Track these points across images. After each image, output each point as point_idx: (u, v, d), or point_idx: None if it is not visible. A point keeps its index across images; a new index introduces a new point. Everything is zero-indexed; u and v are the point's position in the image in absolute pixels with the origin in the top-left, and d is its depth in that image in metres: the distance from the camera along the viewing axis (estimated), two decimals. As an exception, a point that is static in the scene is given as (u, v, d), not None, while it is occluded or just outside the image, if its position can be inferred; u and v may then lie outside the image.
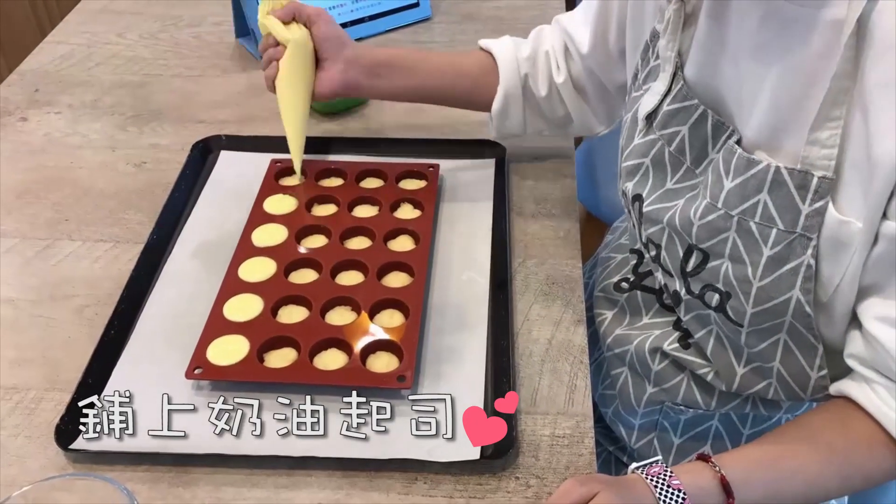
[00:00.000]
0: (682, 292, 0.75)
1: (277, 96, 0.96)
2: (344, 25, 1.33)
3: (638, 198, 0.78)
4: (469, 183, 1.03)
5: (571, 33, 0.95)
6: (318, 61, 0.95)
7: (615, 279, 0.90)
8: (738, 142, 0.69)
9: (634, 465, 0.66)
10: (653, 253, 0.78)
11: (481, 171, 1.05)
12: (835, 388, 0.71)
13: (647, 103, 0.77)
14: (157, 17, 1.42)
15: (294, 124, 0.97)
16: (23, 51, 1.33)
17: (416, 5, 1.38)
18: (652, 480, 0.64)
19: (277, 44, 0.93)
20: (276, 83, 0.94)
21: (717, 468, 0.65)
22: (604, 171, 1.53)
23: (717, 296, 0.72)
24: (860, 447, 0.67)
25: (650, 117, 0.77)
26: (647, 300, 0.86)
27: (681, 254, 0.74)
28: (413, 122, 1.15)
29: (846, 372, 0.71)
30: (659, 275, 0.79)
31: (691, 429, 0.85)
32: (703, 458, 0.67)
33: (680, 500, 0.63)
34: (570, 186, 1.04)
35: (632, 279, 0.88)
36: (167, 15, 1.43)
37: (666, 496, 0.63)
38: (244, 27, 1.31)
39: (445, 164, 1.04)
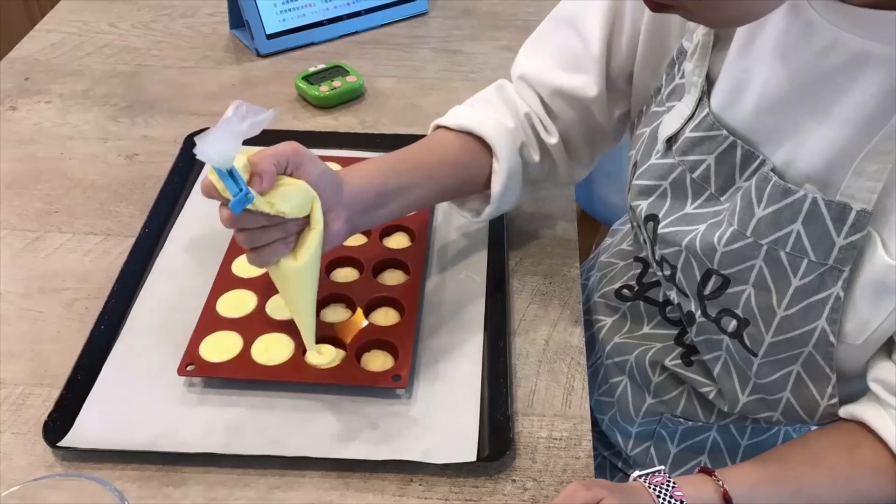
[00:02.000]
0: (697, 314, 0.74)
1: (285, 279, 0.73)
2: (339, 18, 1.32)
3: (652, 218, 0.75)
4: (466, 180, 1.02)
5: (559, 85, 0.84)
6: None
7: (617, 286, 0.88)
8: (773, 170, 0.66)
9: (637, 472, 0.66)
10: (667, 272, 0.76)
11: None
12: (847, 411, 0.69)
13: (668, 125, 0.73)
14: (150, 7, 1.40)
15: (310, 309, 0.75)
16: (13, 38, 1.31)
17: (412, -1, 1.37)
18: (655, 490, 0.63)
19: (260, 217, 0.68)
20: (286, 266, 0.72)
21: (721, 482, 0.64)
22: (598, 171, 1.51)
23: (734, 321, 0.70)
24: (864, 473, 0.66)
25: (669, 140, 0.74)
26: (650, 311, 0.85)
27: (698, 277, 0.72)
28: (408, 117, 1.14)
29: (855, 396, 0.69)
30: (673, 294, 0.77)
31: (689, 439, 0.85)
32: (706, 471, 0.66)
33: None
34: (566, 185, 1.03)
35: (636, 288, 0.86)
36: (160, 5, 1.41)
37: None
38: (238, 18, 1.29)
39: (442, 161, 1.02)
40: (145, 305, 0.85)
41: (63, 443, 0.71)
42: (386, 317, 0.82)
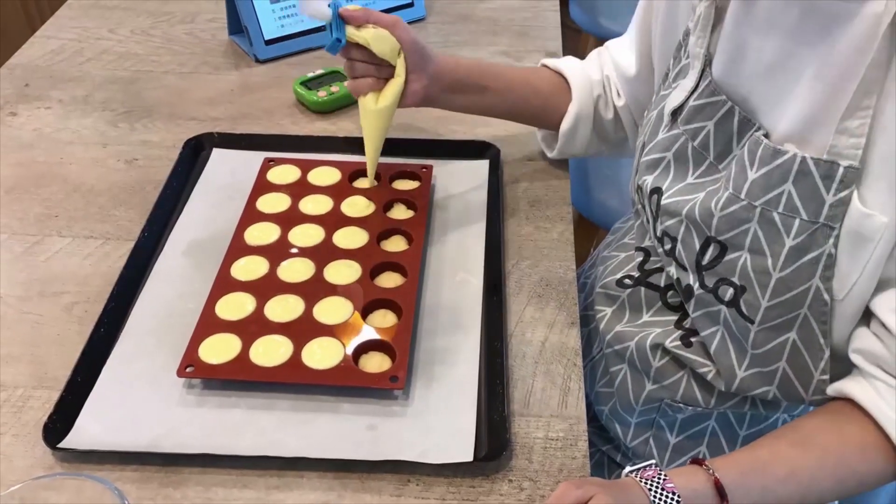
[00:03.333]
0: (696, 286, 0.76)
1: (366, 116, 0.91)
2: (338, 24, 1.33)
3: (657, 191, 0.79)
4: (462, 184, 1.03)
5: (617, 59, 0.99)
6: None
7: (618, 275, 0.90)
8: (766, 135, 0.70)
9: (629, 468, 0.66)
10: (667, 247, 0.79)
11: (475, 172, 1.04)
12: (834, 388, 0.71)
13: (674, 99, 0.78)
14: (149, 13, 1.41)
15: (378, 144, 0.94)
16: (13, 45, 1.32)
17: (410, 5, 1.38)
18: (646, 483, 0.64)
19: (363, 53, 0.87)
20: (370, 104, 0.90)
21: (711, 471, 0.65)
22: (596, 175, 1.53)
23: (731, 290, 0.72)
24: (854, 450, 0.67)
25: (675, 113, 0.78)
26: (650, 297, 0.86)
27: (697, 247, 0.74)
28: (407, 122, 1.15)
29: (844, 375, 0.71)
30: (672, 269, 0.79)
31: (688, 428, 0.85)
32: (698, 461, 0.67)
33: (674, 503, 0.63)
34: (563, 188, 1.04)
35: (637, 276, 0.87)
36: (159, 11, 1.42)
37: (660, 499, 0.63)
38: (237, 24, 1.30)
39: (439, 165, 1.03)
40: (144, 308, 0.85)
41: (63, 444, 0.72)
42: (383, 319, 0.83)
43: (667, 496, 0.63)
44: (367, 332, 0.80)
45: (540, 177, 1.06)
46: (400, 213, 0.96)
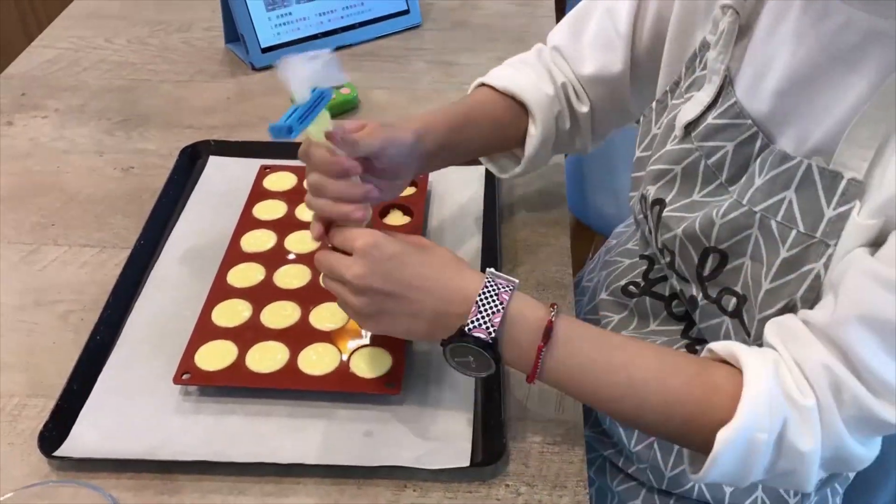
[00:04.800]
0: (700, 297, 0.74)
1: None
2: (334, 32, 1.33)
3: (659, 202, 0.77)
4: (458, 189, 1.03)
5: (592, 68, 0.89)
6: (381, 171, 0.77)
7: (623, 282, 0.89)
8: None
9: (492, 270, 0.67)
10: (667, 259, 0.77)
11: (471, 177, 1.04)
12: (723, 348, 0.66)
13: (687, 112, 0.75)
14: (145, 22, 1.41)
15: None
16: (9, 55, 1.32)
17: (406, 12, 1.39)
18: (489, 280, 0.63)
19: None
20: None
21: (553, 313, 0.64)
22: (592, 179, 1.53)
23: (734, 299, 0.71)
24: (704, 385, 0.64)
25: (689, 126, 0.75)
26: (656, 307, 0.85)
27: (696, 259, 0.73)
28: (403, 128, 1.15)
29: None
30: (674, 281, 0.78)
31: None
32: (553, 305, 0.66)
33: (494, 309, 0.63)
34: (559, 192, 1.04)
35: (642, 284, 0.87)
36: (156, 20, 1.42)
37: (487, 299, 0.63)
38: (234, 32, 1.30)
39: (435, 171, 1.03)
40: (141, 316, 0.85)
41: (58, 452, 0.71)
42: (380, 325, 0.82)
43: (493, 300, 0.63)
44: (364, 337, 0.80)
45: (536, 182, 1.05)
46: (396, 219, 0.96)
